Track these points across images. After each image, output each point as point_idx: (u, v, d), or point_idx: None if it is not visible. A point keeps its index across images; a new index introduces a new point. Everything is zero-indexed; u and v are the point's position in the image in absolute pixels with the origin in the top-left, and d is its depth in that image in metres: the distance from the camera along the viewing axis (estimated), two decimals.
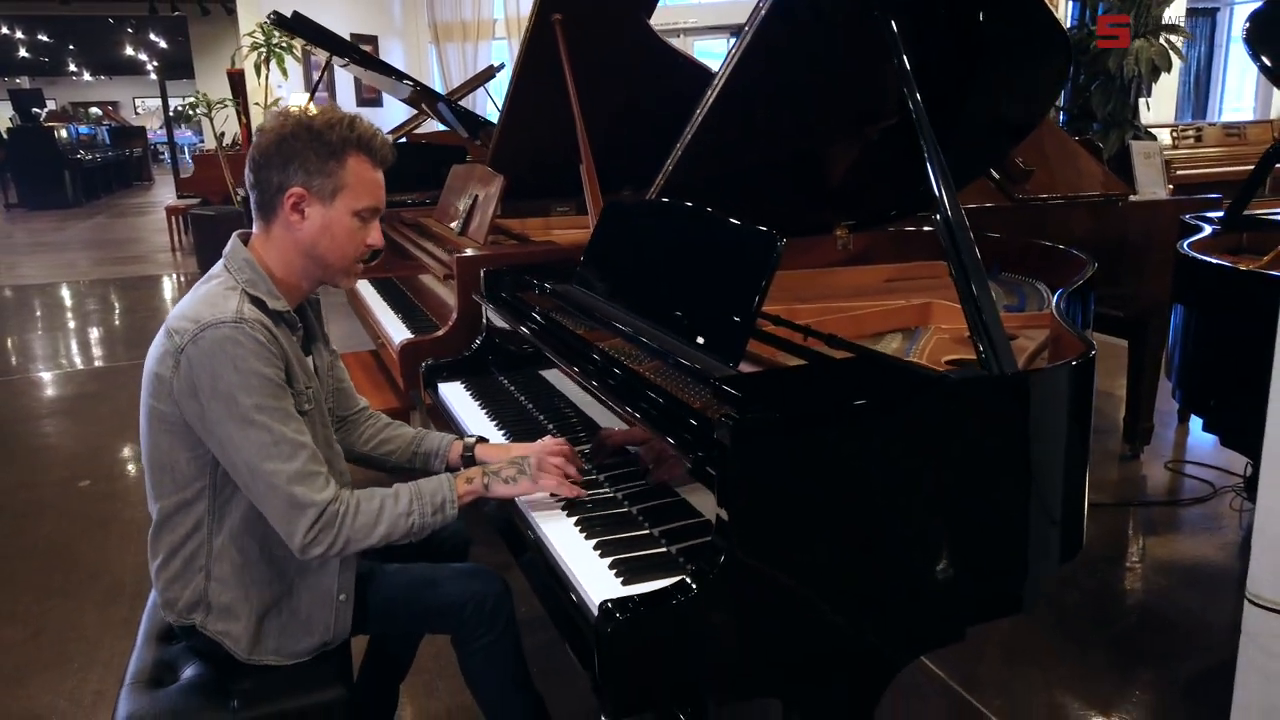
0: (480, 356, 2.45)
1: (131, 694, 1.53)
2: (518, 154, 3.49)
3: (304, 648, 1.57)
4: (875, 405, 1.29)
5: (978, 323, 1.39)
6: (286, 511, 1.43)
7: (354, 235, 1.53)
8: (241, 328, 1.40)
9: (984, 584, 1.40)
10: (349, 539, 1.47)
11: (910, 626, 1.35)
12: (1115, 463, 3.75)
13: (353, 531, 1.47)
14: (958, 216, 1.45)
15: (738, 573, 1.21)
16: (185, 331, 1.41)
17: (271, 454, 1.41)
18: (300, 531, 1.43)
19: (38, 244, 11.52)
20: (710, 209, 1.78)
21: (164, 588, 1.55)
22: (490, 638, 1.67)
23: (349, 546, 1.48)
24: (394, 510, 1.51)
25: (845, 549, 1.27)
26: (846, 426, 1.27)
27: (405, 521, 1.52)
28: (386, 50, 10.23)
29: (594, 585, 1.34)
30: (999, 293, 2.35)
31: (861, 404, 1.30)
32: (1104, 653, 2.48)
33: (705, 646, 1.22)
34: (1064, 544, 1.47)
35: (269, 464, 1.41)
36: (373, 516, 1.49)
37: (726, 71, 1.94)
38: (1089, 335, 2.09)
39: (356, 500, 1.49)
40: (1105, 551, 3.07)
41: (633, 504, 1.59)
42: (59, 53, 22.68)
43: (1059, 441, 1.42)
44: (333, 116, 1.49)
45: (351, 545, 1.48)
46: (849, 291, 2.47)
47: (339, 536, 1.46)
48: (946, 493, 1.33)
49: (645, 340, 1.71)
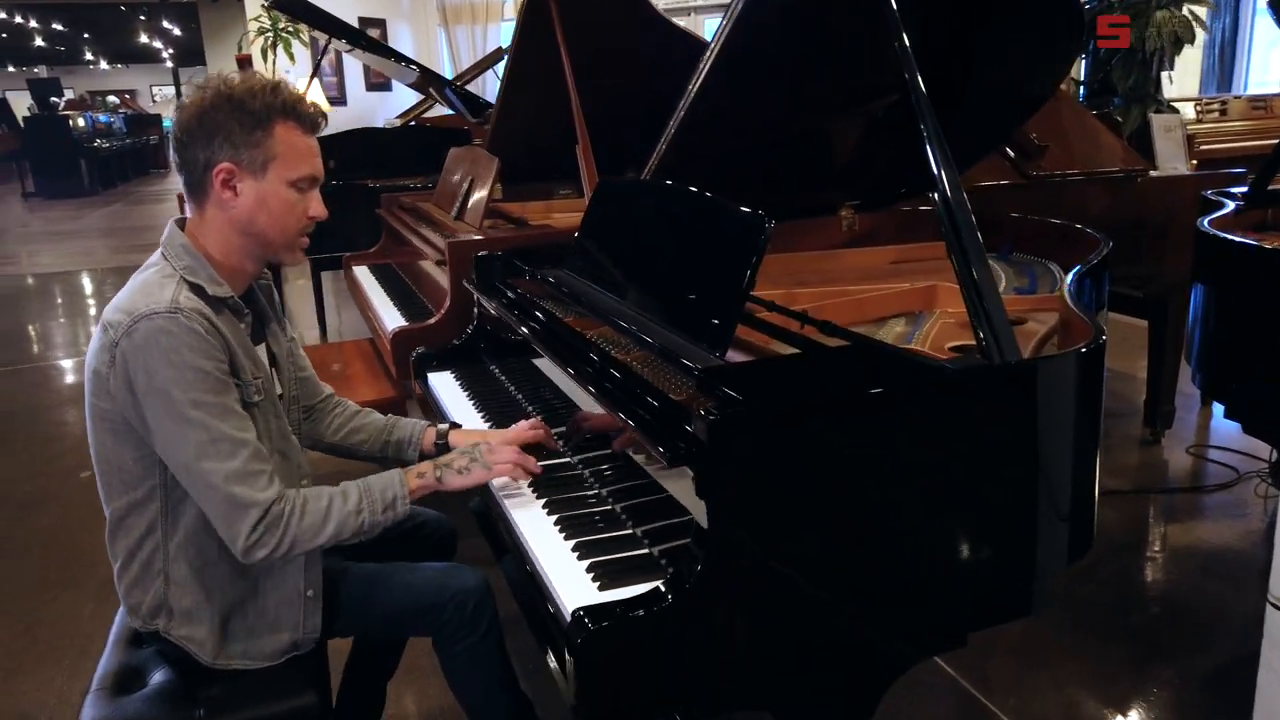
0: (472, 345, 2.37)
1: (96, 701, 1.47)
2: (516, 136, 3.42)
3: (272, 649, 1.51)
4: (865, 398, 1.21)
5: (978, 308, 1.29)
6: (227, 512, 1.36)
7: (293, 208, 1.45)
8: (176, 318, 1.32)
9: (986, 586, 1.32)
10: (295, 540, 1.40)
11: (906, 635, 1.27)
12: (1135, 447, 3.64)
13: (299, 532, 1.40)
14: (958, 196, 1.36)
15: (717, 581, 1.13)
16: (119, 325, 1.33)
17: (209, 452, 1.33)
18: (243, 534, 1.36)
19: (55, 232, 11.54)
20: (699, 189, 1.69)
21: (126, 592, 1.49)
22: (472, 640, 1.60)
23: (295, 548, 1.41)
24: (342, 509, 1.45)
25: (833, 553, 1.19)
26: (833, 420, 1.18)
27: (355, 520, 1.46)
28: (395, 34, 10.14)
29: (569, 590, 1.27)
30: (1009, 274, 2.25)
31: (850, 397, 1.21)
32: (1122, 647, 2.39)
33: (683, 658, 1.15)
34: (1073, 540, 1.37)
35: (206, 463, 1.33)
36: (320, 516, 1.43)
37: (717, 45, 1.86)
38: (1101, 319, 2.00)
39: (304, 499, 1.42)
40: (1124, 540, 2.97)
41: (616, 501, 1.52)
42: (75, 41, 22.75)
43: (1066, 433, 1.33)
44: (254, 83, 1.40)
45: (298, 546, 1.41)
46: (853, 274, 2.37)
47: (284, 538, 1.39)
48: (944, 490, 1.24)
49: (633, 328, 1.63)
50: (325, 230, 4.54)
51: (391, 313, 2.98)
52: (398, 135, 5.50)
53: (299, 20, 5.09)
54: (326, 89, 9.02)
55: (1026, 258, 2.41)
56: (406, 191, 3.95)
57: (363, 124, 8.30)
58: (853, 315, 1.94)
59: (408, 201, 3.63)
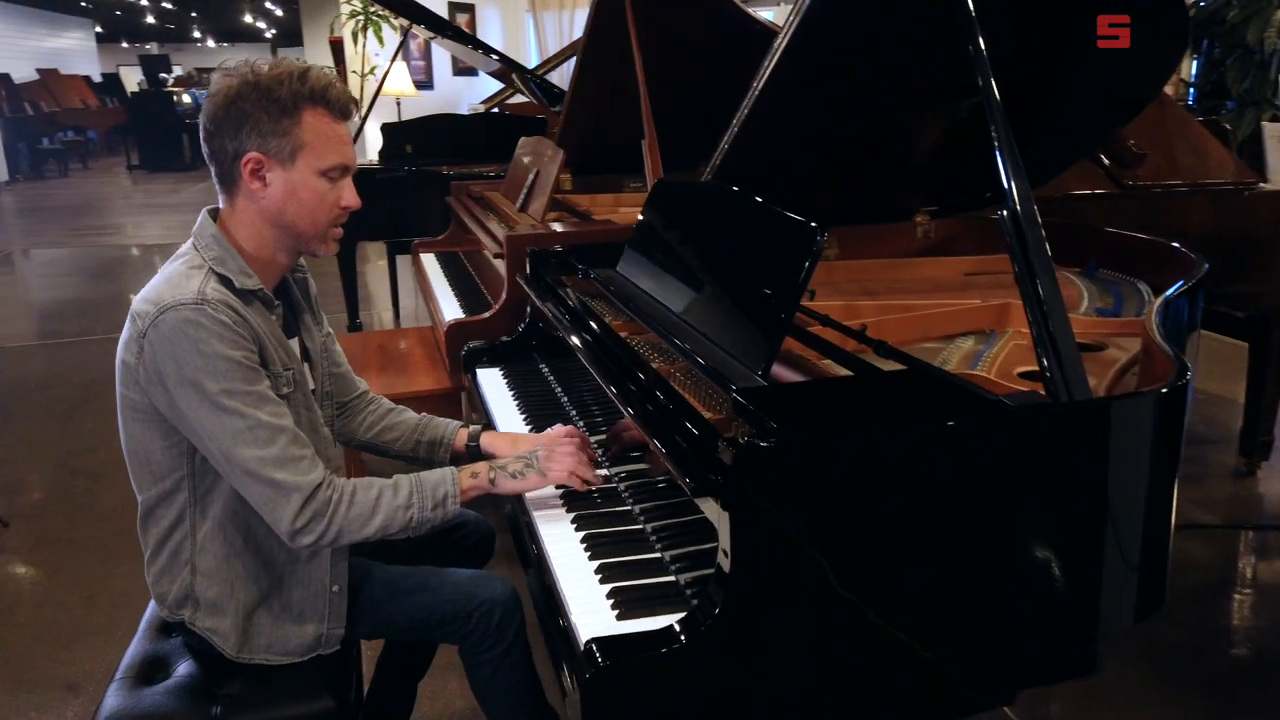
0: (523, 342, 2.32)
1: (119, 689, 1.47)
2: (587, 127, 3.36)
3: (297, 644, 1.48)
4: (911, 435, 1.11)
5: (1045, 337, 1.18)
6: (271, 498, 1.33)
7: (324, 198, 1.40)
8: (203, 309, 1.29)
9: (1039, 644, 1.20)
10: (342, 529, 1.37)
11: (946, 693, 1.16)
12: (1229, 478, 3.41)
13: (346, 521, 1.37)
14: (1027, 209, 1.24)
15: (733, 626, 1.05)
16: (146, 315, 1.31)
17: (247, 439, 1.31)
18: (287, 518, 1.33)
19: (156, 204, 11.98)
20: (762, 190, 1.60)
21: (154, 581, 1.48)
22: (498, 650, 1.56)
23: (342, 537, 1.38)
24: (392, 502, 1.41)
25: (865, 604, 1.10)
26: (873, 458, 1.09)
27: (403, 515, 1.42)
28: (484, 19, 10.19)
29: (586, 616, 1.20)
30: (1093, 293, 2.11)
31: (894, 433, 1.11)
32: (1200, 697, 2.22)
33: (696, 704, 1.07)
34: (1142, 597, 1.25)
35: (245, 450, 1.31)
36: (369, 507, 1.39)
37: (784, 38, 1.76)
38: (1193, 342, 1.85)
39: (353, 488, 1.39)
40: (1210, 578, 2.77)
41: (649, 519, 1.45)
42: (184, 20, 23.56)
43: (1139, 480, 1.21)
44: (281, 70, 1.35)
45: (345, 536, 1.38)
46: (924, 285, 2.25)
47: (331, 525, 1.36)
48: (992, 537, 1.13)
49: (676, 338, 1.55)
50: (400, 215, 4.55)
51: (451, 303, 2.95)
52: (475, 122, 5.50)
53: (383, 5, 5.10)
54: (414, 73, 9.12)
55: (1114, 275, 2.25)
56: (479, 179, 3.93)
57: (449, 108, 8.38)
58: (917, 332, 1.83)
59: (476, 190, 3.60)
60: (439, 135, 5.05)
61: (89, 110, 17.23)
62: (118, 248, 8.90)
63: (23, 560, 2.99)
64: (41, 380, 4.84)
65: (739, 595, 1.06)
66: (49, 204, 12.08)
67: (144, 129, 15.84)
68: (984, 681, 1.19)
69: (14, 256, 8.56)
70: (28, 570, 2.95)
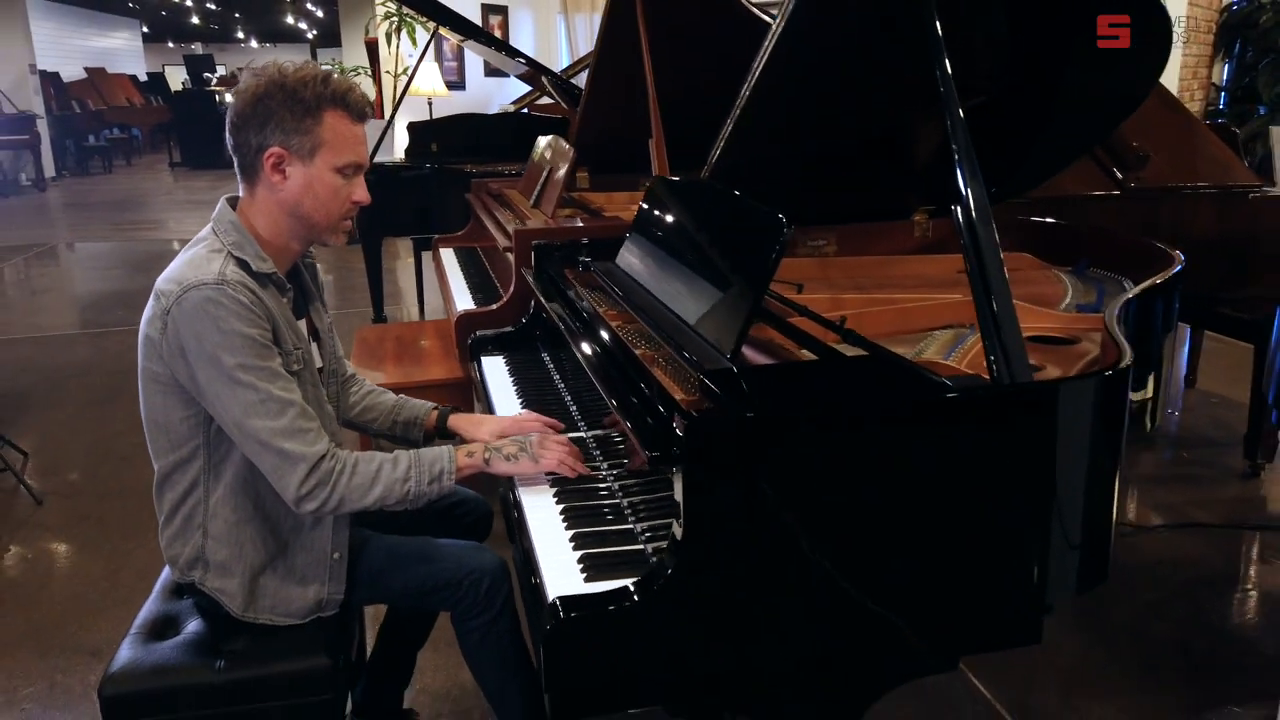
0: (527, 332, 2.41)
1: (133, 643, 1.58)
2: (602, 126, 3.45)
3: (298, 607, 1.58)
4: (855, 412, 1.18)
5: (991, 326, 1.25)
6: (278, 465, 1.44)
7: (338, 193, 1.52)
8: (223, 289, 1.41)
9: (978, 611, 1.27)
10: (344, 497, 1.48)
11: (888, 655, 1.24)
12: (1234, 480, 3.42)
13: (348, 490, 1.48)
14: (982, 211, 1.31)
15: (684, 586, 1.13)
16: (170, 294, 1.42)
17: (258, 411, 1.42)
18: (293, 485, 1.44)
19: (196, 200, 12.28)
20: (747, 190, 1.68)
21: (167, 545, 1.59)
22: (487, 617, 1.65)
23: (344, 505, 1.49)
24: (391, 475, 1.51)
25: (811, 569, 1.17)
26: (820, 434, 1.16)
27: (401, 488, 1.52)
28: (516, 21, 10.33)
29: (556, 578, 1.29)
30: (1077, 289, 2.16)
31: (839, 411, 1.19)
32: (1184, 691, 2.26)
33: (652, 658, 1.16)
34: (1084, 571, 1.31)
35: (256, 421, 1.42)
36: (369, 478, 1.49)
37: (772, 40, 1.83)
38: (1169, 341, 1.90)
39: (355, 460, 1.50)
40: (1204, 576, 2.79)
41: (626, 495, 1.53)
42: (228, 20, 24.02)
43: (1081, 460, 1.27)
44: (306, 73, 1.47)
45: (346, 504, 1.49)
46: (914, 281, 2.31)
47: (334, 493, 1.46)
48: (934, 509, 1.20)
49: (661, 325, 1.63)
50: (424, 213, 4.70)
51: (464, 295, 3.06)
52: (499, 121, 5.61)
53: (410, 7, 5.24)
54: (446, 74, 9.27)
55: (1101, 273, 2.30)
56: (501, 178, 4.04)
57: (480, 109, 8.51)
58: (897, 325, 1.89)
59: (494, 188, 3.71)
60: (464, 134, 5.18)
61: (134, 109, 17.65)
62: (159, 242, 9.15)
63: (55, 536, 3.14)
64: (81, 368, 5.03)
65: (690, 559, 1.14)
66: (94, 199, 12.42)
67: (186, 127, 16.20)
68: (928, 647, 1.25)
69: (59, 249, 8.82)
70: (59, 545, 3.09)
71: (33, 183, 12.91)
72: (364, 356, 3.15)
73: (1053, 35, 2.05)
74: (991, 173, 2.29)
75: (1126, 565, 2.83)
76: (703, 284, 1.61)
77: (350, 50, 13.64)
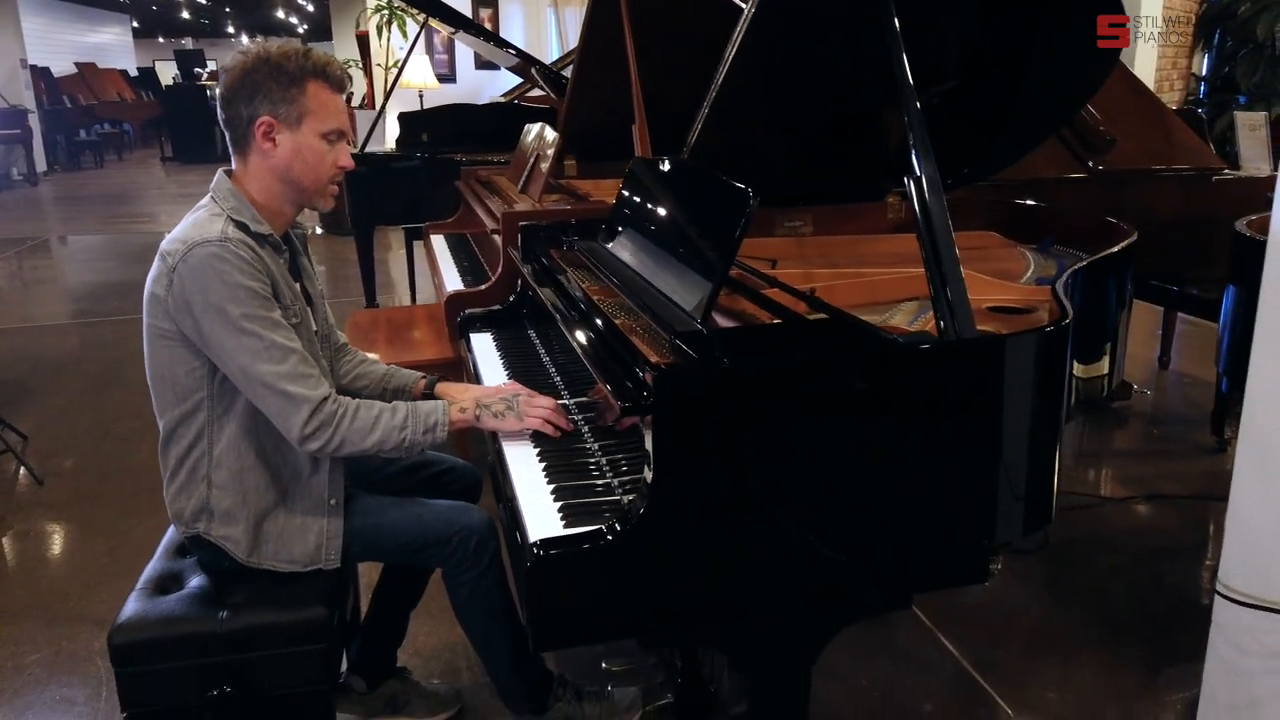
0: (515, 310, 2.50)
1: (138, 598, 1.67)
2: (589, 115, 3.52)
3: (300, 553, 1.69)
4: (810, 361, 1.28)
5: (940, 293, 1.35)
6: (283, 408, 1.56)
7: (324, 157, 1.64)
8: (226, 245, 1.53)
9: (930, 552, 1.37)
10: (345, 438, 1.59)
11: (845, 594, 1.33)
12: (1202, 454, 3.53)
13: (349, 432, 1.59)
14: (933, 185, 1.41)
15: (654, 525, 1.23)
16: (176, 252, 1.54)
17: (264, 357, 1.53)
18: (298, 425, 1.55)
19: (188, 194, 12.29)
20: (722, 170, 1.77)
21: (172, 499, 1.69)
22: (475, 573, 1.75)
23: (344, 446, 1.60)
24: (390, 422, 1.63)
25: (771, 511, 1.27)
26: (776, 382, 1.26)
27: (398, 435, 1.63)
28: (507, 15, 10.38)
29: (537, 524, 1.38)
30: (1038, 263, 2.26)
31: (795, 360, 1.28)
32: (1137, 649, 2.37)
33: (623, 594, 1.25)
34: (1029, 513, 1.41)
35: (262, 366, 1.53)
36: (369, 423, 1.61)
37: (742, 29, 1.92)
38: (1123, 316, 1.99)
39: (356, 405, 1.62)
40: (1167, 544, 2.91)
41: (605, 454, 1.62)
42: (218, 15, 23.99)
43: (1025, 410, 1.37)
44: (288, 48, 1.61)
45: (347, 446, 1.60)
46: (886, 259, 2.40)
47: (336, 433, 1.58)
48: (885, 455, 1.30)
49: (639, 296, 1.73)
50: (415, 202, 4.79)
51: (454, 277, 3.15)
52: (488, 111, 5.69)
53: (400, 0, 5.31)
54: (437, 66, 9.33)
55: (1066, 250, 2.40)
56: (490, 166, 4.12)
57: (470, 101, 8.56)
58: (864, 296, 1.99)
59: (483, 175, 3.80)
60: (454, 124, 5.26)
61: (125, 103, 17.65)
62: (150, 234, 9.19)
63: (57, 514, 3.22)
64: (76, 356, 5.10)
65: (659, 501, 1.23)
66: (85, 193, 12.45)
67: (177, 121, 16.21)
68: (882, 583, 1.35)
69: (51, 243, 8.88)
70: (61, 522, 3.18)
71: (24, 177, 12.93)
72: (357, 339, 3.23)
73: (1019, 24, 2.15)
74: (965, 154, 2.42)
75: (1092, 535, 2.94)
76: (677, 256, 1.71)
77: (341, 43, 13.70)
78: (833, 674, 2.22)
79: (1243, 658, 1.33)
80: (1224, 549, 1.38)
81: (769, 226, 2.52)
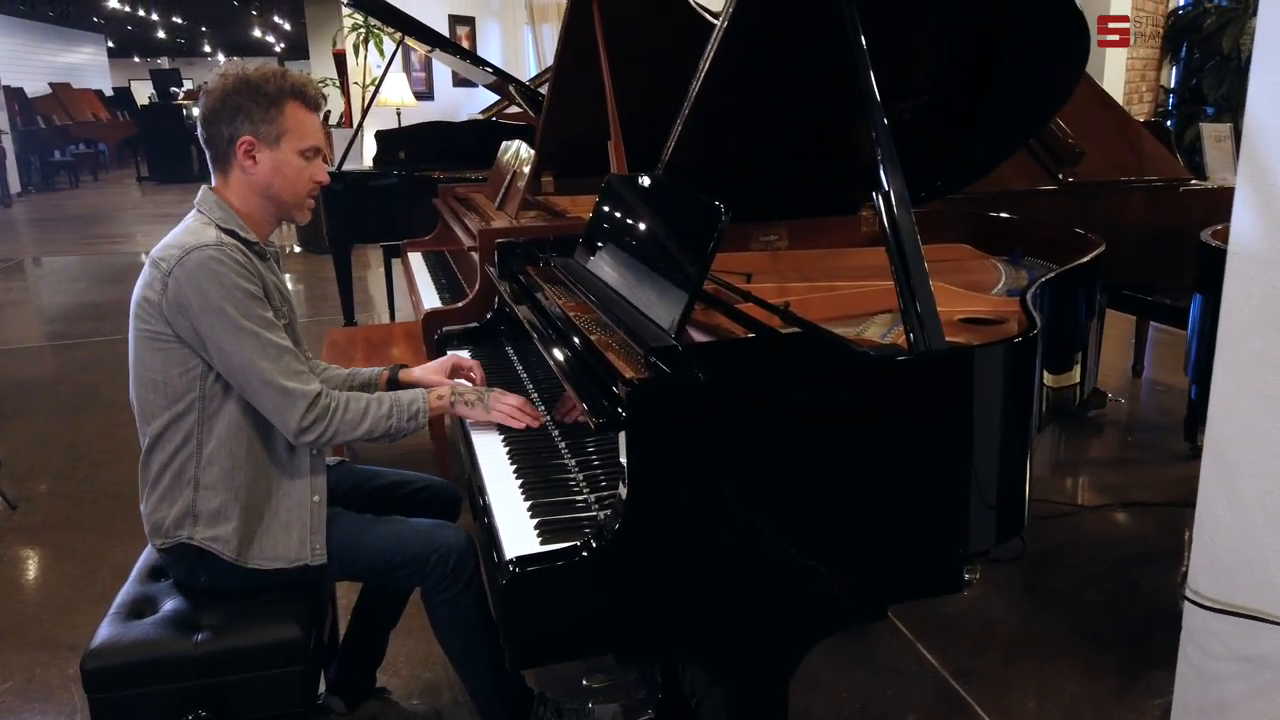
0: (492, 326, 2.51)
1: (112, 622, 1.66)
2: (564, 131, 3.54)
3: (285, 550, 1.70)
4: (782, 376, 1.29)
5: (910, 306, 1.37)
6: (280, 403, 1.62)
7: (302, 173, 1.71)
8: (223, 249, 1.60)
9: (904, 562, 1.38)
10: (339, 429, 1.67)
11: (818, 604, 1.34)
12: (1176, 461, 3.57)
13: (341, 423, 1.68)
14: (901, 200, 1.43)
15: (629, 541, 1.23)
16: (171, 258, 1.59)
17: (261, 355, 1.60)
18: (295, 419, 1.63)
19: (164, 214, 12.23)
20: (695, 186, 1.78)
21: (152, 510, 1.69)
22: (453, 591, 1.75)
23: (338, 436, 1.68)
24: (377, 412, 1.71)
25: (745, 525, 1.28)
26: (749, 397, 1.27)
27: (385, 423, 1.72)
28: (484, 32, 10.42)
29: (513, 541, 1.38)
30: (1010, 276, 2.29)
31: (767, 375, 1.29)
32: (1114, 655, 2.39)
33: (599, 610, 1.25)
34: (1001, 522, 1.43)
35: (261, 363, 1.59)
36: (359, 414, 1.70)
37: (713, 48, 1.94)
38: (1091, 325, 2.02)
39: (346, 399, 1.70)
40: (1140, 550, 2.94)
41: (582, 470, 1.63)
42: (194, 34, 23.92)
43: (995, 420, 1.39)
44: (267, 70, 1.66)
45: (340, 435, 1.68)
46: (860, 272, 2.42)
47: (330, 425, 1.66)
48: (860, 467, 1.31)
49: (614, 312, 1.74)
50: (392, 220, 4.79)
51: (431, 295, 3.15)
52: (466, 129, 5.70)
53: (374, 18, 5.32)
54: (415, 84, 9.34)
55: (1036, 262, 2.43)
56: (468, 183, 4.12)
57: (448, 119, 8.57)
58: (838, 310, 2.00)
59: (461, 192, 3.80)
60: (432, 142, 5.26)
61: (100, 123, 17.54)
62: (126, 254, 9.14)
63: (30, 539, 3.19)
64: (51, 378, 5.05)
65: (634, 516, 1.24)
66: (60, 214, 12.36)
67: (154, 141, 16.13)
68: (857, 595, 1.36)
69: (25, 264, 8.80)
70: (35, 547, 3.14)
71: None
72: (334, 357, 3.22)
73: (987, 34, 2.18)
74: (938, 167, 2.45)
75: (1069, 542, 2.96)
76: (651, 271, 1.72)
77: (318, 62, 13.69)
78: (813, 685, 2.23)
79: (1212, 662, 1.35)
80: (1192, 555, 1.40)
81: (744, 241, 2.54)
